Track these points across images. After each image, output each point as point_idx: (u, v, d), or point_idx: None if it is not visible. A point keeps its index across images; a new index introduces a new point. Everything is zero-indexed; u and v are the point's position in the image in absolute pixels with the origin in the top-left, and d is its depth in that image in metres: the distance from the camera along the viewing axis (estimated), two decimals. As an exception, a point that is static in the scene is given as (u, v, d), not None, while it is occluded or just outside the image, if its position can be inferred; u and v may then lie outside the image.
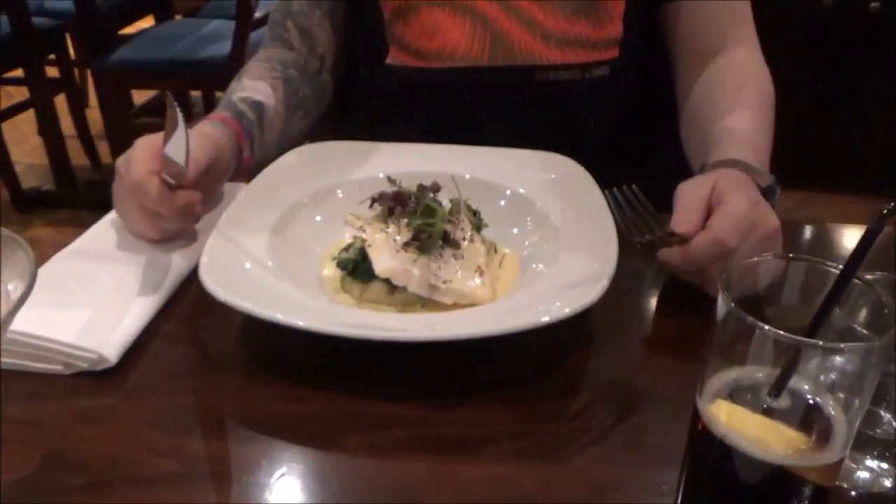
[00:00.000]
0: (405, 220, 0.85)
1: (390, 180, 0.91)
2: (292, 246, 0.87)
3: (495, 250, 0.89)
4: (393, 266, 0.81)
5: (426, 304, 0.81)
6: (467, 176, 0.97)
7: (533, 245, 0.89)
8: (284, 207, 0.91)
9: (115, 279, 0.81)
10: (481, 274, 0.82)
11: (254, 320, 0.70)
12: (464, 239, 0.84)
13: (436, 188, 0.88)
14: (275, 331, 0.71)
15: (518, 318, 0.69)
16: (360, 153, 1.03)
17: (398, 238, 0.83)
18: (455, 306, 0.79)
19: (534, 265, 0.85)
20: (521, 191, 0.96)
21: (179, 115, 0.81)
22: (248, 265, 0.79)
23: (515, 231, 0.91)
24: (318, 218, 0.93)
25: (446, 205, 0.87)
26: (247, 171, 0.99)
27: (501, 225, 0.91)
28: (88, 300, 0.78)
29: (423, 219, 0.84)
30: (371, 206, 0.87)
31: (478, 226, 0.88)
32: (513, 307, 0.75)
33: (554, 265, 0.82)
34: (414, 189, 0.87)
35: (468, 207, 0.88)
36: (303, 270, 0.84)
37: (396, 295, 0.82)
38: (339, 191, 0.96)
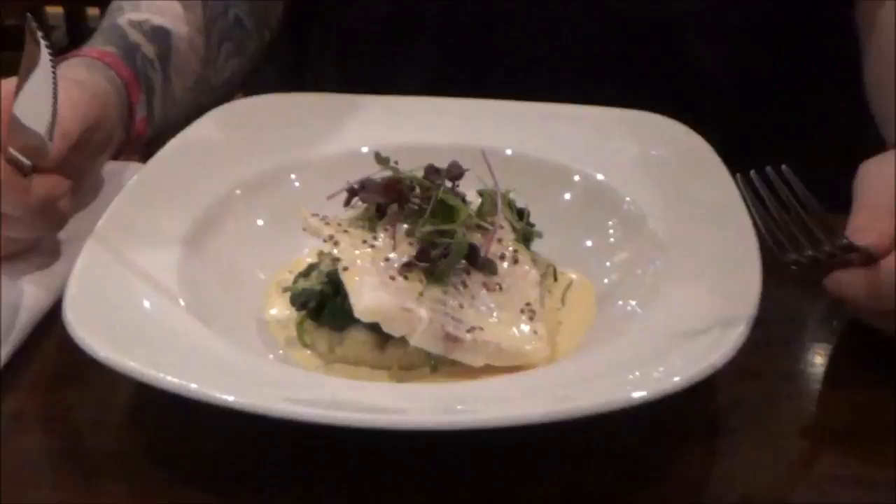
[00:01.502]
0: (404, 227, 0.61)
1: (380, 159, 0.66)
2: (217, 268, 0.67)
3: (555, 276, 0.67)
4: (384, 304, 0.57)
5: (440, 366, 0.59)
6: (508, 152, 0.75)
7: (619, 267, 0.69)
8: (204, 204, 0.70)
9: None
10: (532, 317, 0.60)
11: (153, 392, 0.53)
12: (503, 258, 0.62)
13: (455, 172, 0.63)
14: (188, 410, 0.53)
15: (593, 391, 0.53)
16: (329, 113, 0.83)
17: (392, 256, 0.60)
18: (488, 370, 0.59)
19: (620, 301, 0.65)
20: (599, 177, 0.74)
21: (44, 53, 0.64)
22: (144, 301, 0.61)
23: (589, 244, 0.71)
24: (259, 222, 0.72)
25: (473, 201, 0.65)
26: (141, 141, 0.82)
27: (565, 234, 0.71)
28: None
29: (435, 224, 0.60)
30: (347, 202, 0.64)
31: (527, 236, 0.66)
32: (584, 373, 0.57)
33: (654, 301, 0.62)
34: (419, 174, 0.64)
35: (510, 205, 0.66)
36: (235, 309, 0.65)
37: (390, 352, 0.59)
38: (293, 175, 0.75)
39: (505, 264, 0.61)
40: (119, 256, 0.63)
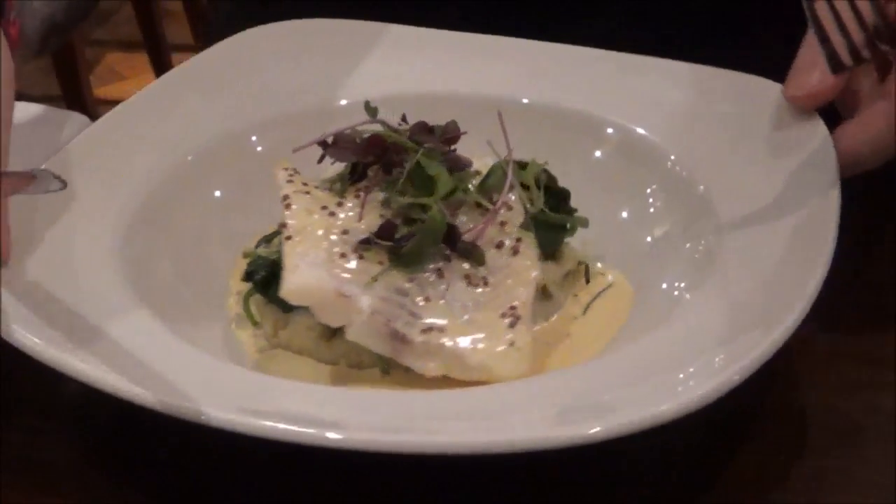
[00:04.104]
0: (381, 196, 0.49)
1: (369, 109, 0.52)
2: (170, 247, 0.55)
3: (587, 277, 0.53)
4: (317, 285, 0.45)
5: (395, 370, 0.46)
6: (525, 100, 0.60)
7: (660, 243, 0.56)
8: (152, 175, 0.57)
9: None
10: (514, 323, 0.46)
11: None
12: (500, 247, 0.48)
13: (451, 135, 0.50)
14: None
15: (600, 409, 0.41)
16: (300, 49, 0.65)
17: (352, 228, 0.47)
18: (451, 381, 0.45)
19: (664, 284, 0.52)
20: (641, 131, 0.58)
21: None
22: (85, 290, 0.49)
23: (624, 215, 0.57)
24: (217, 193, 0.58)
25: (481, 170, 0.51)
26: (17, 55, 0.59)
27: (595, 203, 0.56)
28: None
29: (415, 196, 0.48)
30: (320, 159, 0.51)
31: (559, 225, 0.52)
32: (594, 381, 0.44)
33: (703, 285, 0.49)
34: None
35: (537, 181, 0.51)
36: (189, 294, 0.53)
37: (337, 344, 0.47)
38: (253, 137, 0.60)
39: (502, 255, 0.47)
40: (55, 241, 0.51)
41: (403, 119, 0.51)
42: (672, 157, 0.57)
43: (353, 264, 0.45)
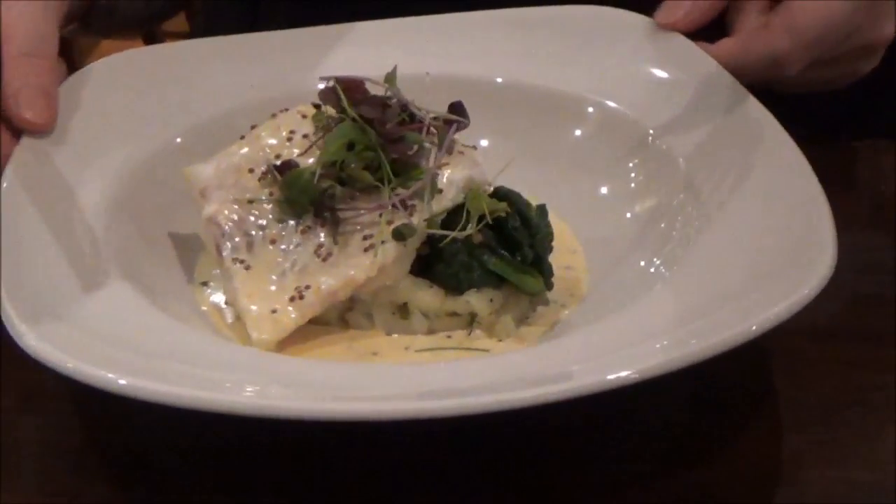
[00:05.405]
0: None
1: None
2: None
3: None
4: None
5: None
6: (499, 80, 0.62)
7: (641, 218, 0.59)
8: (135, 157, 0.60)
9: None
10: (296, 299, 0.51)
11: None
12: (366, 238, 0.53)
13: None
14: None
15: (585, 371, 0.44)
16: (280, 47, 0.69)
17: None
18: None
19: (642, 261, 0.55)
20: (612, 104, 0.61)
21: None
22: (70, 278, 0.50)
23: (604, 191, 0.60)
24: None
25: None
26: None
27: (576, 179, 0.60)
28: None
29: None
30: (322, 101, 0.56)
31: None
32: (580, 349, 0.48)
33: (684, 262, 0.52)
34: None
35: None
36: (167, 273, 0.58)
37: None
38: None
39: (357, 245, 0.50)
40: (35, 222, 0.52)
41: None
42: (651, 132, 0.57)
43: (252, 183, 0.52)
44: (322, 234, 0.51)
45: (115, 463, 0.48)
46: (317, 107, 0.56)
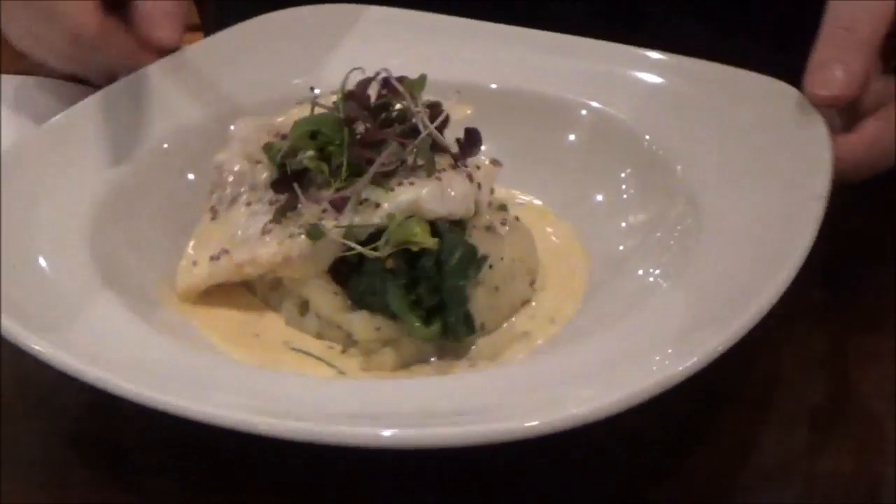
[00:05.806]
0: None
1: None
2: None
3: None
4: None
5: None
6: (493, 86, 0.63)
7: (637, 229, 0.58)
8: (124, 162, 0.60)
9: None
10: (217, 258, 0.55)
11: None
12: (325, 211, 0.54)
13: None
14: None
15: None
16: (267, 43, 0.69)
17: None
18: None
19: (640, 270, 0.54)
20: (612, 112, 0.61)
21: None
22: (55, 276, 0.51)
23: (599, 198, 0.60)
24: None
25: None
26: None
27: (570, 186, 0.61)
28: None
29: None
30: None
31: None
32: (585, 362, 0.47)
33: (681, 272, 0.51)
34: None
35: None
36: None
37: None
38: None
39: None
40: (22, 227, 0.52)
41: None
42: (647, 138, 0.57)
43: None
44: (273, 212, 0.53)
45: (115, 463, 0.48)
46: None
